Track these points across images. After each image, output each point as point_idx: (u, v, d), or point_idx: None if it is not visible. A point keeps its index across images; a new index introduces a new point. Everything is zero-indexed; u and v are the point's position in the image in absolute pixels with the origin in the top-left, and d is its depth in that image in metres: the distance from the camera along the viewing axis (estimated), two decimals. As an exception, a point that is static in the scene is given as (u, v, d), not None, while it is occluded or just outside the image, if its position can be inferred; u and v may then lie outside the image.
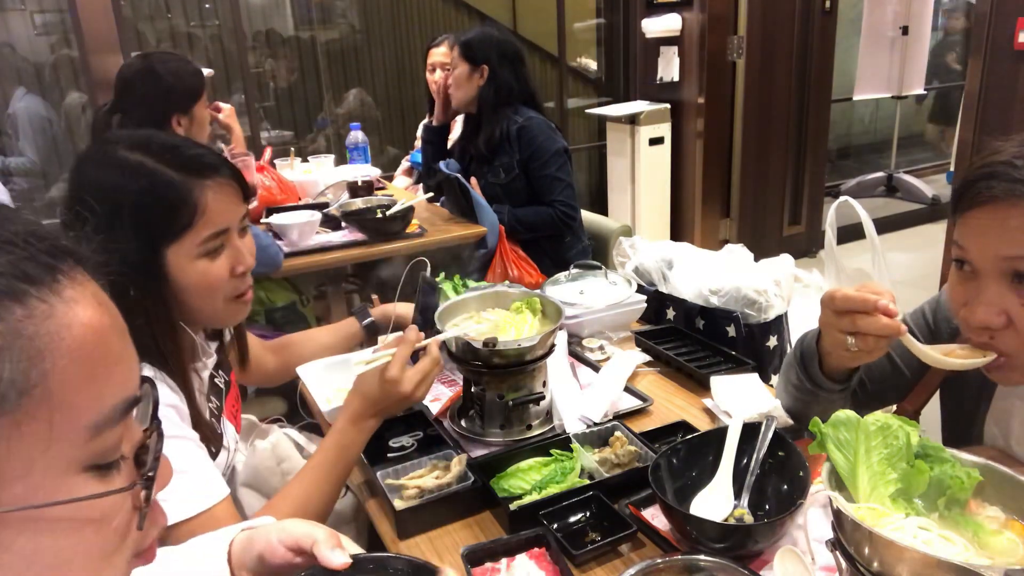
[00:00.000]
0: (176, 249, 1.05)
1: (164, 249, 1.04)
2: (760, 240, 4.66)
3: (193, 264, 1.07)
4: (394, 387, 1.14)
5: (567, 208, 2.61)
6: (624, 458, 1.20)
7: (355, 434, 1.14)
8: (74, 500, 0.45)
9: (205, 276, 1.08)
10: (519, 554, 1.02)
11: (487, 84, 2.63)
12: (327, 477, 1.12)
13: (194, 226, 1.05)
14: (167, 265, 1.05)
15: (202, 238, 1.06)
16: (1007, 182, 0.88)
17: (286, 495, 1.09)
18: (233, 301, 1.14)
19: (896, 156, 6.39)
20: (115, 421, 0.48)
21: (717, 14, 4.28)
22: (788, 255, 1.79)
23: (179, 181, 1.04)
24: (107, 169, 1.04)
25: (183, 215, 1.04)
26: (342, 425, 1.15)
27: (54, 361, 0.44)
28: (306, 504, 1.08)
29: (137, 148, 1.06)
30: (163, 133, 1.13)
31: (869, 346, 0.99)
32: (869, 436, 0.86)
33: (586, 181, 5.18)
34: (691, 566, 0.90)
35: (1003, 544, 0.78)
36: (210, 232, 1.07)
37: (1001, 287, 0.91)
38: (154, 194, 1.03)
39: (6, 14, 3.54)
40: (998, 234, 0.89)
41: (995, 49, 3.01)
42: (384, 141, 4.59)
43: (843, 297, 1.00)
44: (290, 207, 2.76)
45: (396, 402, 1.15)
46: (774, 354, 1.74)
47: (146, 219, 1.03)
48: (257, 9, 4.22)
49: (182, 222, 1.04)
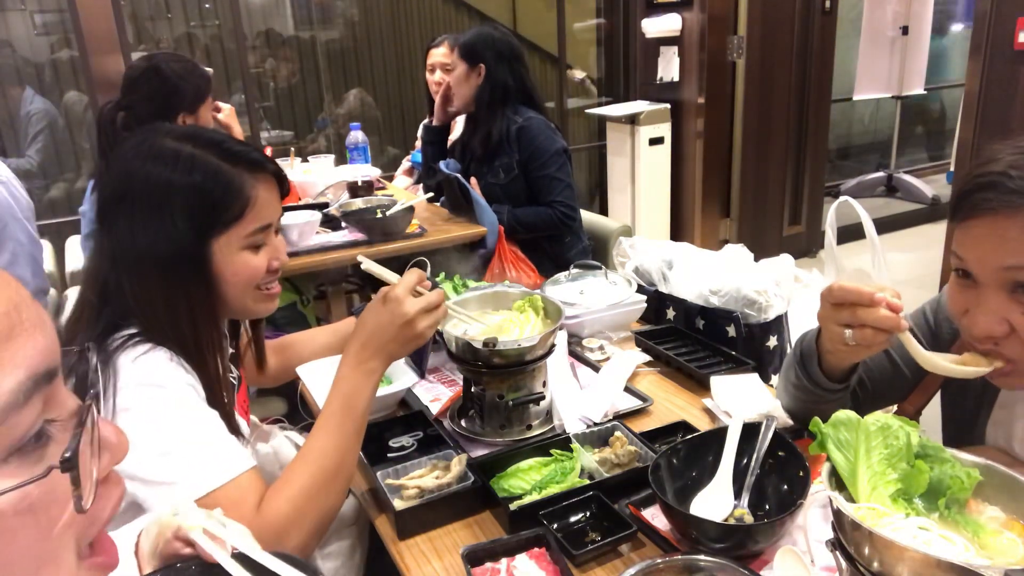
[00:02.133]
0: (224, 239, 1.08)
1: (212, 239, 1.07)
2: (760, 240, 4.66)
3: (238, 255, 1.09)
4: (397, 306, 1.09)
5: (567, 208, 2.61)
6: (624, 458, 1.20)
7: (357, 379, 1.09)
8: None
9: (246, 268, 1.10)
10: (519, 554, 1.02)
11: (484, 83, 2.63)
12: (337, 431, 1.07)
13: (244, 218, 1.08)
14: (213, 254, 1.07)
15: (249, 231, 1.09)
16: (1004, 193, 0.87)
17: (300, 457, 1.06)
18: (263, 295, 1.16)
19: (896, 156, 6.39)
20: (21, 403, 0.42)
21: (717, 14, 4.28)
22: (788, 255, 1.79)
23: (234, 174, 1.08)
24: (157, 160, 1.05)
25: (235, 207, 1.07)
26: (343, 372, 1.10)
27: None
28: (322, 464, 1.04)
29: (186, 140, 1.08)
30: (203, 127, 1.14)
31: (867, 339, 0.98)
32: (869, 436, 0.86)
33: (586, 181, 5.18)
34: (691, 566, 0.90)
35: (1003, 544, 0.78)
36: (257, 226, 1.10)
37: (1001, 297, 0.90)
38: (210, 185, 1.05)
39: (6, 14, 3.54)
40: (996, 245, 0.88)
41: (995, 49, 3.01)
42: (384, 141, 4.59)
43: (841, 288, 0.99)
44: (290, 207, 2.76)
45: (398, 329, 1.09)
46: (774, 354, 1.74)
47: (200, 208, 1.05)
48: (257, 9, 4.22)
49: (233, 213, 1.07)
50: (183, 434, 0.99)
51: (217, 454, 1.01)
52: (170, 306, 1.05)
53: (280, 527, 0.99)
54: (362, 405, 1.09)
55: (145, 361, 1.01)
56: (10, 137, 3.61)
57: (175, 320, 1.05)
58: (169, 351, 1.04)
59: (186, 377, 1.04)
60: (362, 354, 1.10)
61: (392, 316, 1.09)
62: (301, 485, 1.02)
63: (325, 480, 1.04)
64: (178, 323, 1.05)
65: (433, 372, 1.62)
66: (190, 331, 1.06)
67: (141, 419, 0.98)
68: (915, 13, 5.57)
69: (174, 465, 0.97)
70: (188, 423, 1.01)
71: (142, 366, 1.00)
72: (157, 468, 0.97)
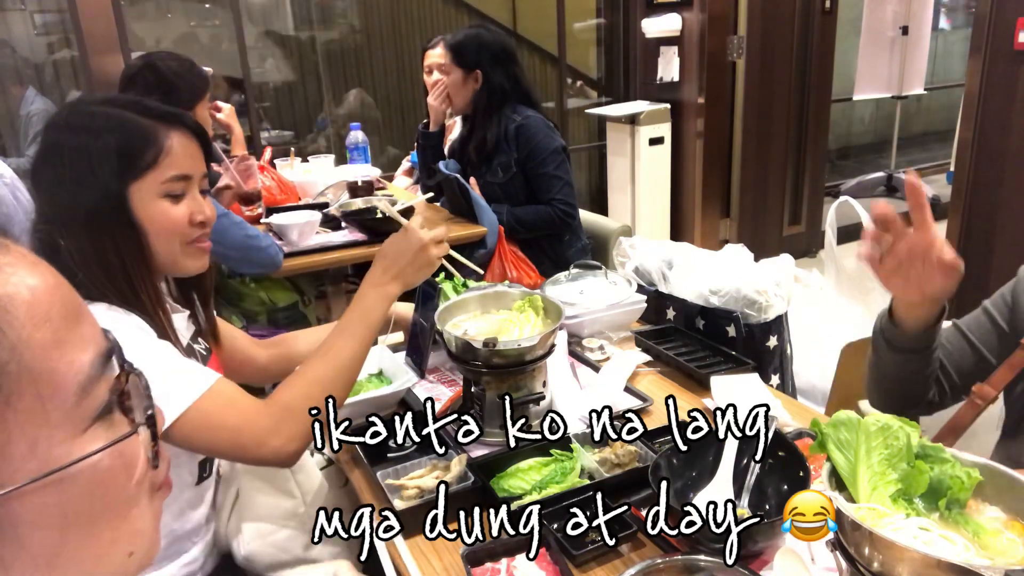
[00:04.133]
0: (139, 186, 1.11)
1: (129, 184, 1.10)
2: (760, 240, 4.65)
3: (156, 203, 1.12)
4: (414, 234, 1.27)
5: (566, 207, 2.61)
6: (624, 458, 1.20)
7: (376, 297, 1.24)
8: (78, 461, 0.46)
9: (165, 216, 1.13)
10: (519, 554, 1.02)
11: (481, 88, 2.62)
12: (353, 337, 1.19)
13: (158, 165, 1.12)
14: (131, 203, 1.11)
15: (165, 178, 1.12)
16: None
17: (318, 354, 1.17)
18: (190, 247, 1.18)
19: (896, 156, 6.39)
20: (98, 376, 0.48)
21: (717, 14, 4.27)
22: (788, 255, 1.79)
23: (146, 124, 1.12)
24: (76, 126, 1.11)
25: (148, 153, 1.11)
26: (363, 291, 1.25)
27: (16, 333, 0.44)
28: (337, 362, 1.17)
29: (105, 103, 1.15)
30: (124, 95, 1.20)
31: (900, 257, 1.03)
32: (870, 436, 0.86)
33: (586, 181, 5.18)
34: (691, 566, 0.90)
35: (1003, 544, 0.78)
36: (173, 174, 1.13)
37: None
38: (121, 134, 1.10)
39: (6, 14, 3.54)
40: None
41: (995, 49, 3.01)
42: (384, 141, 4.59)
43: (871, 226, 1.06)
44: (290, 207, 2.76)
45: (415, 253, 1.27)
46: (774, 354, 1.74)
47: (115, 157, 1.09)
48: (257, 9, 4.22)
49: (147, 160, 1.11)
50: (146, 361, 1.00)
51: (182, 372, 1.06)
52: (101, 256, 1.09)
53: (291, 412, 1.07)
54: (376, 320, 1.23)
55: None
56: (11, 137, 3.61)
57: (108, 270, 1.09)
58: (106, 303, 1.08)
59: (129, 319, 1.08)
60: (382, 277, 1.26)
61: (409, 243, 1.27)
62: (315, 375, 1.14)
63: (336, 376, 1.15)
64: (112, 274, 1.10)
65: (433, 372, 1.61)
66: (124, 280, 1.10)
67: None
68: (915, 13, 5.57)
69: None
70: (147, 354, 1.04)
71: None
72: None
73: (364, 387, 1.50)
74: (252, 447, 1.06)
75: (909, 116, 6.99)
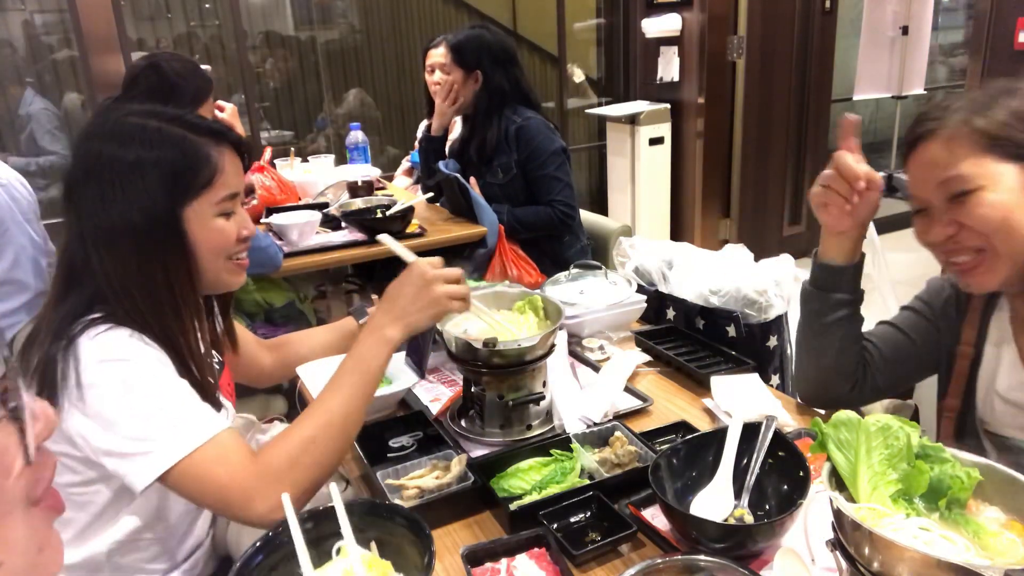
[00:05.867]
0: (196, 207, 1.09)
1: (185, 206, 1.08)
2: (760, 240, 4.65)
3: (211, 222, 1.11)
4: (415, 269, 1.15)
5: (566, 208, 2.61)
6: (624, 458, 1.20)
7: (372, 341, 1.13)
8: None
9: (220, 235, 1.12)
10: (519, 554, 1.02)
11: (482, 89, 2.63)
12: (346, 391, 1.10)
13: (213, 185, 1.10)
14: (186, 222, 1.08)
15: (220, 197, 1.11)
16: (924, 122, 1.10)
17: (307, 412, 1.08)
18: (232, 263, 1.17)
19: (896, 156, 6.38)
20: None
21: (717, 14, 4.28)
22: (788, 255, 1.79)
23: (201, 142, 1.09)
24: (123, 135, 1.07)
25: (205, 173, 1.09)
26: (361, 337, 1.14)
27: None
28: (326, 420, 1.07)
29: (149, 116, 1.10)
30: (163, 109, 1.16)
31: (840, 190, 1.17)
32: (870, 436, 0.86)
33: (586, 181, 5.18)
34: (691, 566, 0.90)
35: (1004, 544, 0.79)
36: (226, 193, 1.12)
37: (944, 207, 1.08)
38: (180, 153, 1.07)
39: (6, 14, 3.54)
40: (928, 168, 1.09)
41: (995, 49, 3.01)
42: (384, 141, 4.59)
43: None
44: (290, 207, 2.76)
45: (417, 291, 1.14)
46: (774, 354, 1.74)
47: (171, 176, 1.06)
48: (257, 9, 4.22)
49: (203, 180, 1.09)
50: (154, 402, 1.00)
51: (191, 417, 1.02)
52: (146, 278, 1.05)
53: (274, 475, 1.00)
54: (374, 369, 1.12)
55: (105, 338, 1.01)
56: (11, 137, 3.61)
57: (153, 293, 1.06)
58: (130, 329, 1.04)
59: (149, 350, 1.04)
60: (382, 319, 1.14)
61: (411, 280, 1.15)
62: (302, 437, 1.04)
63: (327, 436, 1.06)
64: (156, 297, 1.06)
65: (433, 372, 1.61)
66: (170, 303, 1.07)
67: (109, 393, 0.98)
68: (915, 13, 5.57)
69: (148, 433, 0.98)
70: (158, 392, 1.01)
71: (102, 343, 1.00)
72: (131, 439, 0.98)
73: (364, 387, 1.49)
74: (236, 506, 1.00)
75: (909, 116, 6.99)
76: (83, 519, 1.10)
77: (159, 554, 1.17)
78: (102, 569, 1.13)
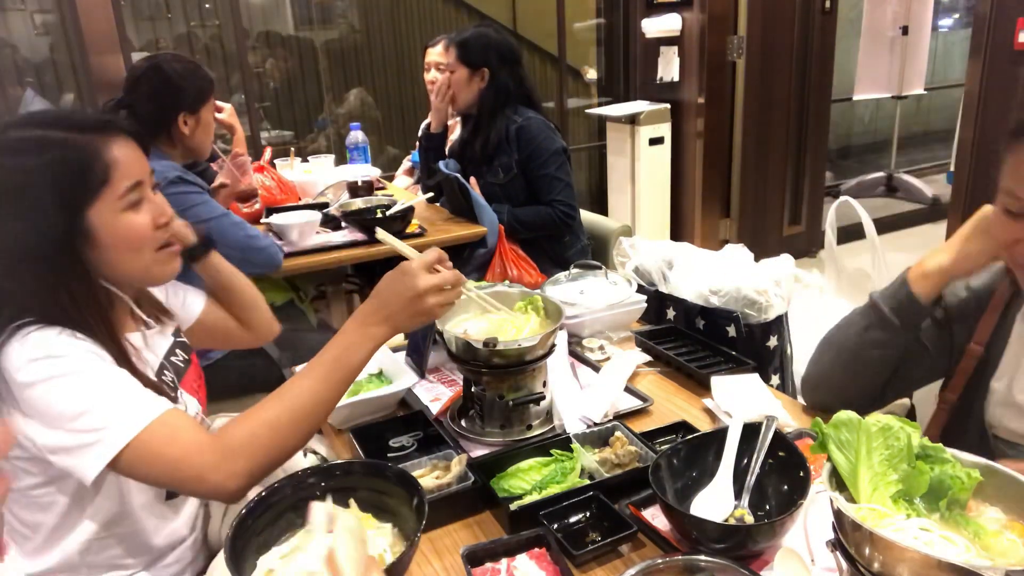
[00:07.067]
0: (98, 208, 1.05)
1: (86, 211, 1.04)
2: (760, 240, 4.65)
3: (119, 218, 1.07)
4: (410, 279, 1.08)
5: (566, 208, 2.61)
6: (624, 458, 1.20)
7: (358, 336, 1.08)
8: None
9: (132, 228, 1.08)
10: (519, 554, 1.02)
11: (487, 87, 2.62)
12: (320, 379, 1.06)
13: (111, 181, 1.05)
14: (92, 226, 1.04)
15: (121, 191, 1.06)
16: None
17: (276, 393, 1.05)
18: (162, 252, 1.14)
19: (896, 156, 6.38)
20: None
21: (717, 14, 4.27)
22: (788, 255, 1.79)
23: (85, 140, 1.04)
24: (5, 153, 1.03)
25: (97, 171, 1.04)
26: (346, 327, 1.10)
27: None
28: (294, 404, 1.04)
29: (28, 125, 1.06)
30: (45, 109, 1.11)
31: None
32: (870, 437, 0.86)
33: (586, 181, 5.18)
34: (691, 566, 0.90)
35: (1004, 545, 0.78)
36: (127, 184, 1.07)
37: None
38: (65, 159, 1.03)
39: (6, 14, 3.54)
40: None
41: (995, 49, 3.01)
42: (384, 141, 4.59)
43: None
44: (290, 207, 2.76)
45: (407, 301, 1.08)
46: (774, 354, 1.74)
47: (63, 185, 1.02)
48: (257, 9, 4.22)
49: (98, 179, 1.04)
50: (93, 392, 0.98)
51: (133, 401, 1.00)
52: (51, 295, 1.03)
53: (232, 450, 0.99)
54: (354, 363, 1.08)
55: (35, 337, 0.99)
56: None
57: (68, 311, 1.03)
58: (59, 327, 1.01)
59: (82, 343, 1.02)
60: (369, 317, 1.09)
61: (403, 288, 1.09)
62: (266, 418, 1.02)
63: (291, 420, 1.03)
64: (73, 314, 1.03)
65: (433, 372, 1.61)
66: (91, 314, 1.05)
67: (46, 390, 0.97)
68: (915, 13, 5.57)
69: (92, 422, 0.96)
70: (96, 383, 0.99)
71: (32, 343, 0.98)
72: (77, 432, 0.96)
73: (364, 387, 1.50)
74: (191, 482, 0.99)
75: (909, 116, 6.99)
76: (50, 520, 1.09)
77: (134, 548, 1.16)
78: (79, 569, 1.13)
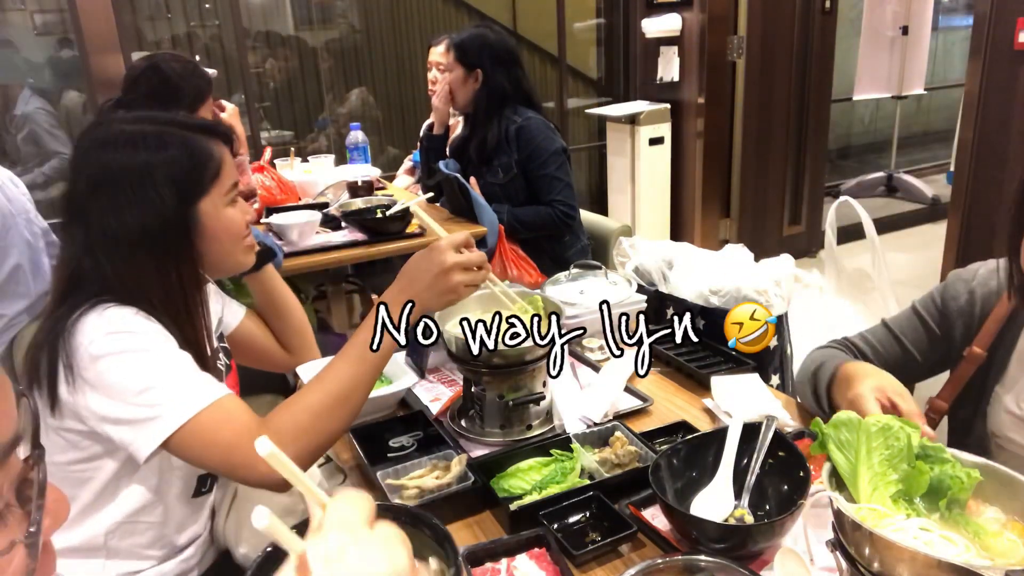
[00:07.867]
0: (209, 201, 1.15)
1: (198, 203, 1.13)
2: (760, 240, 4.65)
3: (223, 212, 1.17)
4: (437, 255, 1.11)
5: (566, 208, 2.61)
6: (624, 458, 1.20)
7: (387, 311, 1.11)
8: None
9: (232, 221, 1.19)
10: (519, 554, 1.02)
11: (481, 88, 2.63)
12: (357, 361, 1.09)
13: (220, 178, 1.16)
14: (202, 217, 1.14)
15: (226, 188, 1.17)
16: None
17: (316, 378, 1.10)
18: (247, 246, 1.25)
19: (896, 156, 6.39)
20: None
21: (717, 14, 4.28)
22: (788, 255, 1.79)
23: (200, 139, 1.15)
24: (125, 144, 1.10)
25: (211, 168, 1.15)
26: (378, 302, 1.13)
27: None
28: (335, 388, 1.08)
29: (145, 121, 1.15)
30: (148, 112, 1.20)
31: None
32: (870, 437, 0.86)
33: (586, 181, 5.18)
34: (691, 566, 0.90)
35: (1004, 545, 0.79)
36: (230, 182, 1.18)
37: None
38: (185, 153, 1.12)
39: (6, 14, 3.54)
40: None
41: (995, 49, 3.01)
42: (384, 141, 4.59)
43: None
44: (290, 207, 2.76)
45: (434, 278, 1.10)
46: (774, 354, 1.74)
47: (182, 177, 1.11)
48: (257, 9, 4.22)
49: (211, 174, 1.15)
50: (159, 370, 1.03)
51: (194, 383, 1.05)
52: (160, 281, 1.10)
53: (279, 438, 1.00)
54: (386, 345, 1.10)
55: (111, 313, 1.05)
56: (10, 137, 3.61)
57: (164, 291, 1.10)
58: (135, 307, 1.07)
59: (153, 324, 1.07)
60: (398, 298, 1.11)
61: (430, 264, 1.11)
62: (309, 403, 1.07)
63: (333, 403, 1.07)
64: (168, 294, 1.11)
65: (433, 372, 1.61)
66: (180, 298, 1.12)
67: (116, 363, 1.01)
68: (915, 13, 5.57)
69: (153, 399, 1.01)
70: (162, 361, 1.04)
71: (109, 317, 1.04)
72: (138, 406, 1.01)
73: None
74: (242, 468, 1.03)
75: (909, 116, 6.99)
76: (84, 497, 1.11)
77: (156, 539, 1.18)
78: (99, 553, 1.14)
